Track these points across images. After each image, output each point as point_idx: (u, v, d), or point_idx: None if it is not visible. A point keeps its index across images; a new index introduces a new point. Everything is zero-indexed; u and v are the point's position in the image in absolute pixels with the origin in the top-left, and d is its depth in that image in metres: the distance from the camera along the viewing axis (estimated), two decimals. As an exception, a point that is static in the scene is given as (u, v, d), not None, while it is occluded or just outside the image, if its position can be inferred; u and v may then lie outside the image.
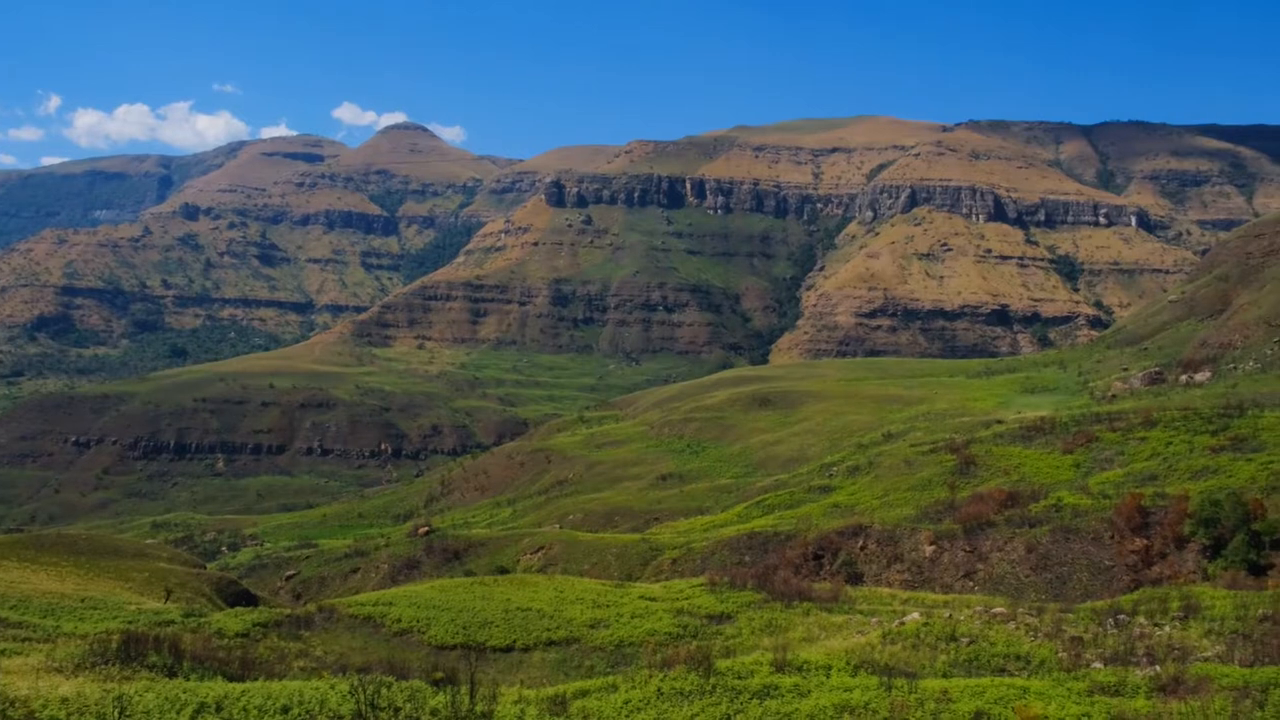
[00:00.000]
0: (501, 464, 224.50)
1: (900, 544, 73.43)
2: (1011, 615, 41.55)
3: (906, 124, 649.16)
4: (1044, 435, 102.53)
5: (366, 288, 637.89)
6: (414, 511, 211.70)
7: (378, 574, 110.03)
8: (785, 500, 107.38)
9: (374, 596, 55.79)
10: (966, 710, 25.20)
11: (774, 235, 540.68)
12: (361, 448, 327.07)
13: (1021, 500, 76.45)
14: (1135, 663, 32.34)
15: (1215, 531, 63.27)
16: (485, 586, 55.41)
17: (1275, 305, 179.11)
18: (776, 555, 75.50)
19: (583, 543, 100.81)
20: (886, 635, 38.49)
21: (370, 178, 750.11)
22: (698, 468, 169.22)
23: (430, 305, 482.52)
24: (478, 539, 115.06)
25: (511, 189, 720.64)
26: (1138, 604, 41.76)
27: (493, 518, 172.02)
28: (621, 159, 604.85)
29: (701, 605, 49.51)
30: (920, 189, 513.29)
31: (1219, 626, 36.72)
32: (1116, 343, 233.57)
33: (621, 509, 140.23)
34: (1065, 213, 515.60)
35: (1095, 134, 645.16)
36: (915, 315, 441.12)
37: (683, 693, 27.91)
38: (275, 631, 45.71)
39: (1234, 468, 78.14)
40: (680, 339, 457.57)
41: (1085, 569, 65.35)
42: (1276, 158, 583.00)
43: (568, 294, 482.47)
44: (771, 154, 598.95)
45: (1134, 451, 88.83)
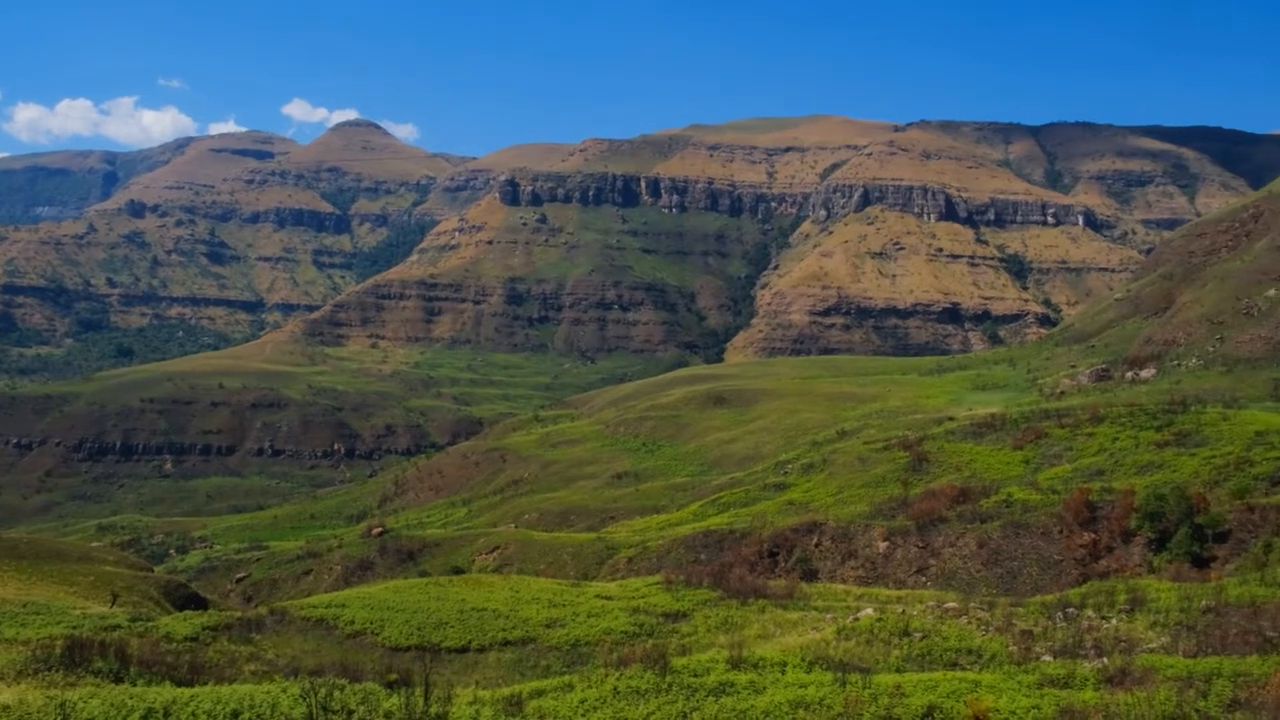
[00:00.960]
0: (456, 464, 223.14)
1: (854, 540, 74.05)
2: (963, 610, 42.05)
3: (859, 124, 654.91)
4: (995, 432, 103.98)
5: (318, 286, 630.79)
6: (368, 512, 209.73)
7: (331, 575, 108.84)
8: (740, 498, 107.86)
9: (327, 598, 55.16)
10: (919, 704, 25.45)
11: (729, 234, 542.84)
12: (314, 448, 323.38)
13: (973, 496, 77.42)
14: (1083, 655, 32.86)
15: (1160, 525, 64.51)
16: (440, 587, 55.00)
17: (1217, 303, 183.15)
18: (732, 553, 75.81)
19: (538, 542, 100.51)
20: (841, 631, 38.78)
21: (322, 175, 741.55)
22: (653, 466, 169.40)
23: (384, 304, 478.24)
24: (432, 539, 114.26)
25: (465, 187, 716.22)
26: (1086, 597, 42.45)
27: (448, 518, 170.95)
28: (576, 157, 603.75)
29: (657, 604, 49.54)
30: (873, 188, 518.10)
31: (1164, 618, 37.43)
32: (1065, 340, 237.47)
33: (577, 508, 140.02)
34: (1014, 212, 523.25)
35: (1043, 134, 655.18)
36: (868, 314, 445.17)
37: (639, 691, 27.89)
38: (225, 635, 45.01)
39: (1178, 462, 79.73)
40: (635, 338, 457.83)
41: (1035, 563, 66.34)
42: (1216, 159, 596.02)
43: (522, 293, 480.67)
44: (726, 153, 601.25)
45: (1082, 447, 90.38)
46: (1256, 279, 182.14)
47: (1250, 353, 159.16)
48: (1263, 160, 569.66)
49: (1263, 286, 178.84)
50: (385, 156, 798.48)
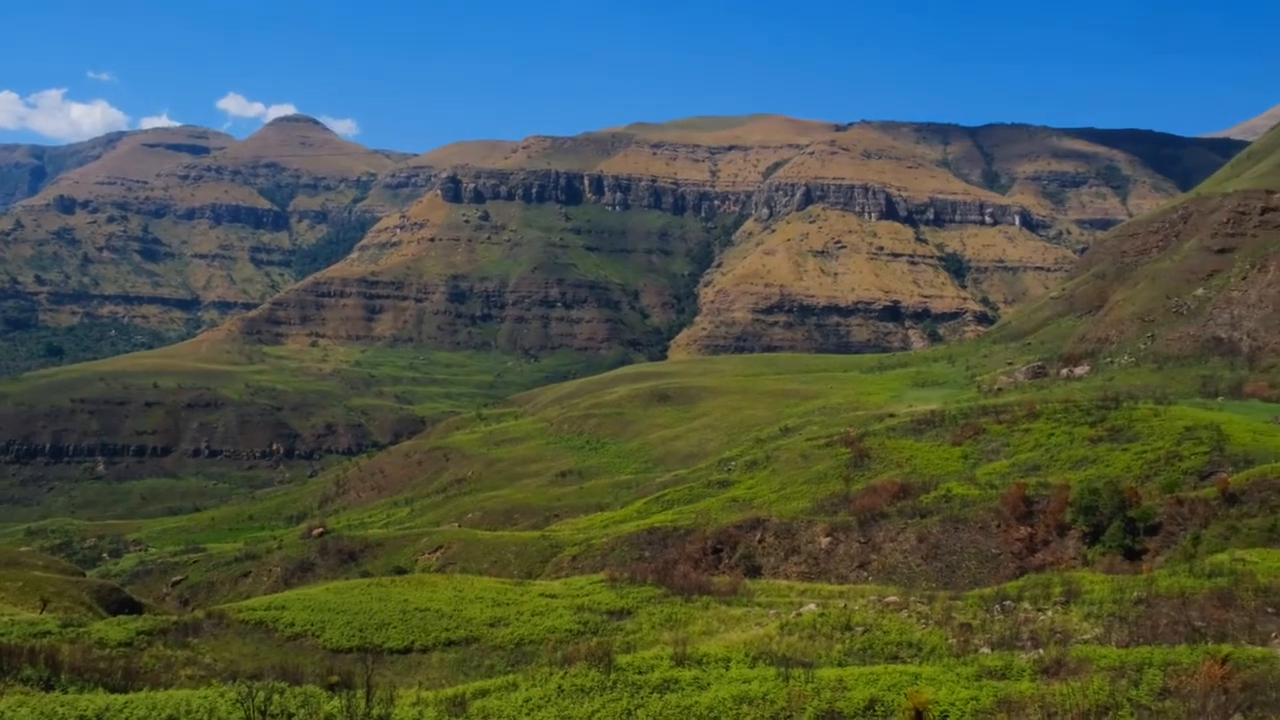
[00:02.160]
0: (398, 463, 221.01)
1: (797, 536, 74.69)
2: (904, 604, 42.64)
3: (801, 123, 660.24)
4: (934, 428, 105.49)
5: (256, 284, 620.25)
6: (308, 513, 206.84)
7: (270, 577, 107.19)
8: (684, 495, 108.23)
9: (266, 601, 54.31)
10: (861, 698, 25.74)
11: (672, 232, 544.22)
12: (252, 448, 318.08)
13: (913, 492, 78.53)
14: (1020, 647, 33.49)
15: (1094, 519, 65.99)
16: (382, 587, 54.45)
17: (1148, 302, 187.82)
18: (676, 550, 76.04)
19: (482, 541, 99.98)
20: (784, 626, 39.09)
21: (259, 171, 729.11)
22: (597, 464, 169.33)
23: (323, 302, 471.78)
24: (374, 539, 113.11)
25: (407, 184, 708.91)
26: (1023, 590, 43.29)
27: (390, 517, 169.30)
28: (519, 154, 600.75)
29: (602, 601, 49.52)
30: (815, 187, 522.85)
31: (1098, 610, 38.29)
32: (1002, 338, 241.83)
33: (521, 506, 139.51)
34: (953, 212, 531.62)
35: (980, 135, 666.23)
36: (811, 311, 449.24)
37: (583, 689, 27.86)
38: (161, 640, 44.11)
39: (1111, 457, 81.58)
40: (579, 336, 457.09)
41: (973, 557, 67.45)
42: (1147, 161, 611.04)
43: (465, 290, 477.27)
44: (669, 151, 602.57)
45: (1018, 443, 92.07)
46: (1185, 278, 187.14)
47: (1180, 350, 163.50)
48: (1191, 163, 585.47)
49: (1191, 286, 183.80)
50: (325, 152, 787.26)
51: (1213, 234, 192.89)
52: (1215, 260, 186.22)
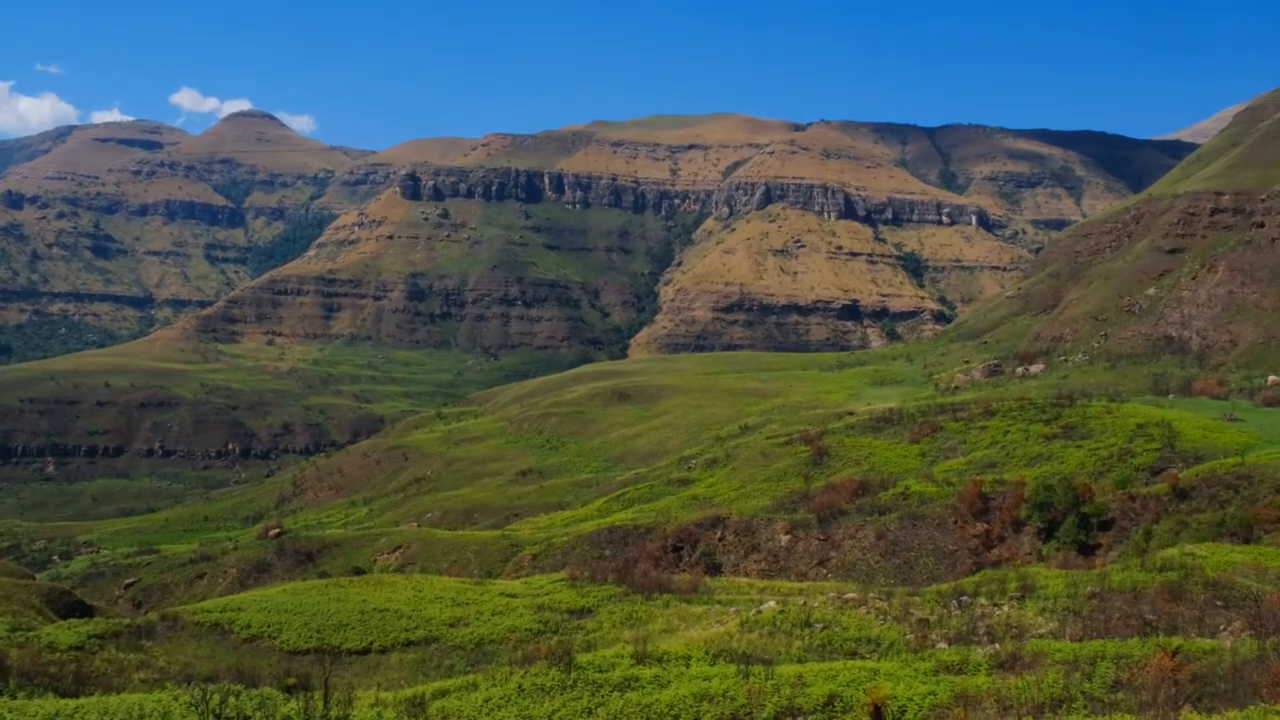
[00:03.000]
0: (357, 462, 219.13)
1: (757, 534, 75.01)
2: (863, 600, 42.96)
3: (761, 122, 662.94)
4: (892, 426, 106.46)
5: (211, 281, 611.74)
6: (264, 513, 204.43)
7: (226, 579, 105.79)
8: (645, 494, 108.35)
9: (221, 602, 53.62)
10: (820, 694, 25.89)
11: (632, 230, 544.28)
12: (207, 448, 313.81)
13: (872, 489, 79.17)
14: (977, 642, 33.87)
15: (1049, 515, 66.93)
16: (340, 588, 53.97)
17: (1101, 301, 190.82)
18: (637, 548, 76.06)
19: (441, 541, 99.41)
20: (744, 624, 39.24)
21: (214, 167, 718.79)
22: (557, 463, 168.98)
23: (280, 300, 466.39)
24: (332, 539, 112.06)
25: (365, 181, 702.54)
26: (979, 586, 43.79)
27: (348, 518, 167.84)
28: (479, 152, 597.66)
29: (562, 600, 49.44)
30: (775, 186, 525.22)
31: (1052, 605, 38.84)
32: (959, 336, 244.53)
33: (481, 506, 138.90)
34: (911, 211, 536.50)
35: (938, 136, 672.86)
36: (770, 310, 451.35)
37: (544, 688, 27.78)
38: (113, 643, 43.39)
39: (1065, 454, 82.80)
40: (539, 334, 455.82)
41: (931, 554, 68.14)
42: (1100, 162, 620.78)
43: (424, 288, 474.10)
44: (630, 150, 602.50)
45: (975, 440, 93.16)
46: (1138, 278, 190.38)
47: (1132, 349, 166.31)
48: (1143, 165, 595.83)
49: (1143, 285, 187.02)
50: (281, 149, 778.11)
51: (1164, 234, 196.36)
52: (1166, 260, 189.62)
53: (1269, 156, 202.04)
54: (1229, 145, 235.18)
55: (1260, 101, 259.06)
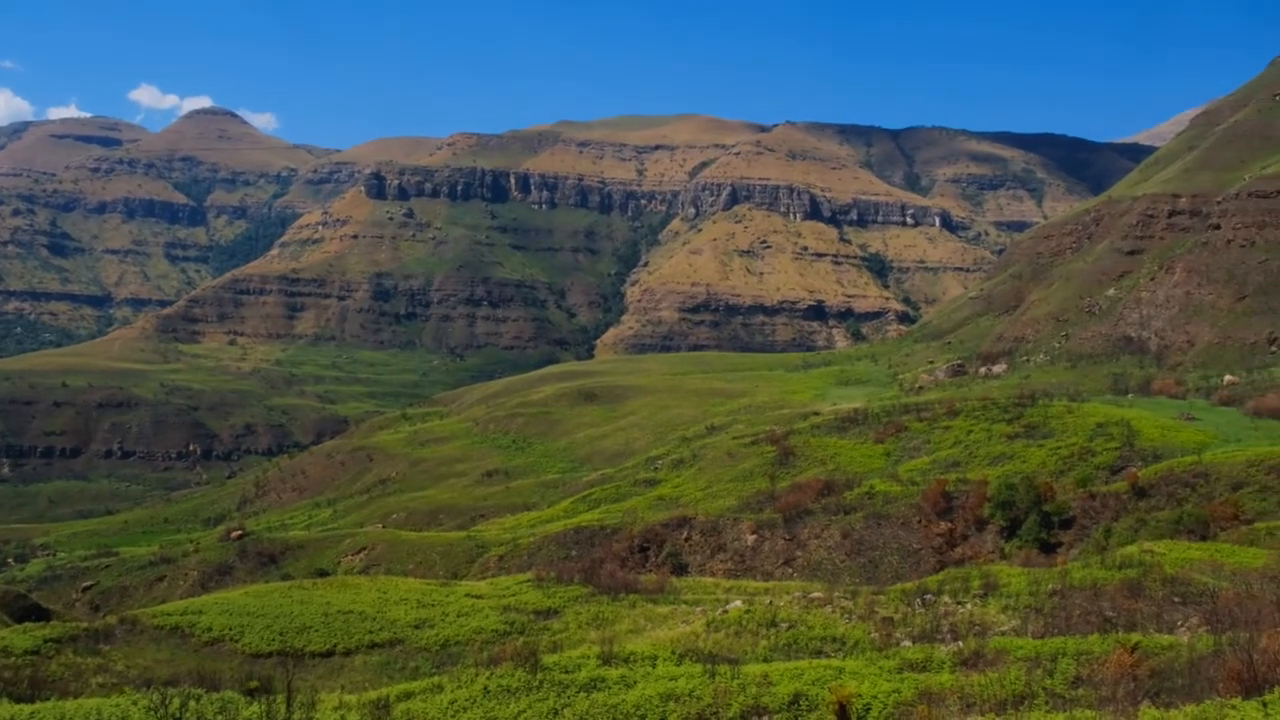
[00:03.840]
0: (320, 463, 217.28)
1: (723, 534, 75.20)
2: (828, 599, 43.17)
3: (727, 123, 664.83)
4: (858, 426, 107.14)
5: (171, 280, 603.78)
6: (226, 515, 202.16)
7: (186, 581, 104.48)
8: (611, 494, 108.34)
9: (182, 605, 52.94)
10: (786, 693, 25.97)
11: (599, 231, 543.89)
12: (168, 449, 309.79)
13: (837, 489, 79.61)
14: (941, 639, 34.13)
15: (1011, 513, 67.65)
16: (304, 590, 53.49)
17: (1062, 302, 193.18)
18: (603, 549, 76.00)
19: (406, 542, 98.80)
20: (711, 624, 39.30)
21: (175, 164, 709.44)
22: (524, 463, 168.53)
23: (242, 299, 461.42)
24: (295, 541, 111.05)
25: (329, 179, 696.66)
26: (943, 584, 44.15)
27: (311, 519, 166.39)
28: (444, 151, 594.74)
29: (528, 601, 49.29)
30: (741, 187, 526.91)
31: (1014, 602, 39.24)
32: (923, 337, 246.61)
33: (446, 507, 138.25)
34: (876, 213, 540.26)
35: (902, 138, 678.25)
36: (736, 310, 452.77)
37: (510, 690, 27.67)
38: (70, 647, 42.69)
39: (1027, 453, 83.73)
40: (505, 334, 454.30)
41: (896, 552, 68.64)
42: (1061, 165, 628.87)
43: (389, 288, 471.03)
44: (596, 150, 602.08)
45: (939, 440, 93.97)
46: (1098, 279, 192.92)
47: (1092, 349, 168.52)
48: (1103, 167, 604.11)
49: (1103, 286, 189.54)
50: (243, 146, 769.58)
51: (1123, 236, 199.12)
52: (1125, 261, 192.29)
53: (1224, 160, 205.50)
54: (1186, 149, 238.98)
55: (1216, 105, 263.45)
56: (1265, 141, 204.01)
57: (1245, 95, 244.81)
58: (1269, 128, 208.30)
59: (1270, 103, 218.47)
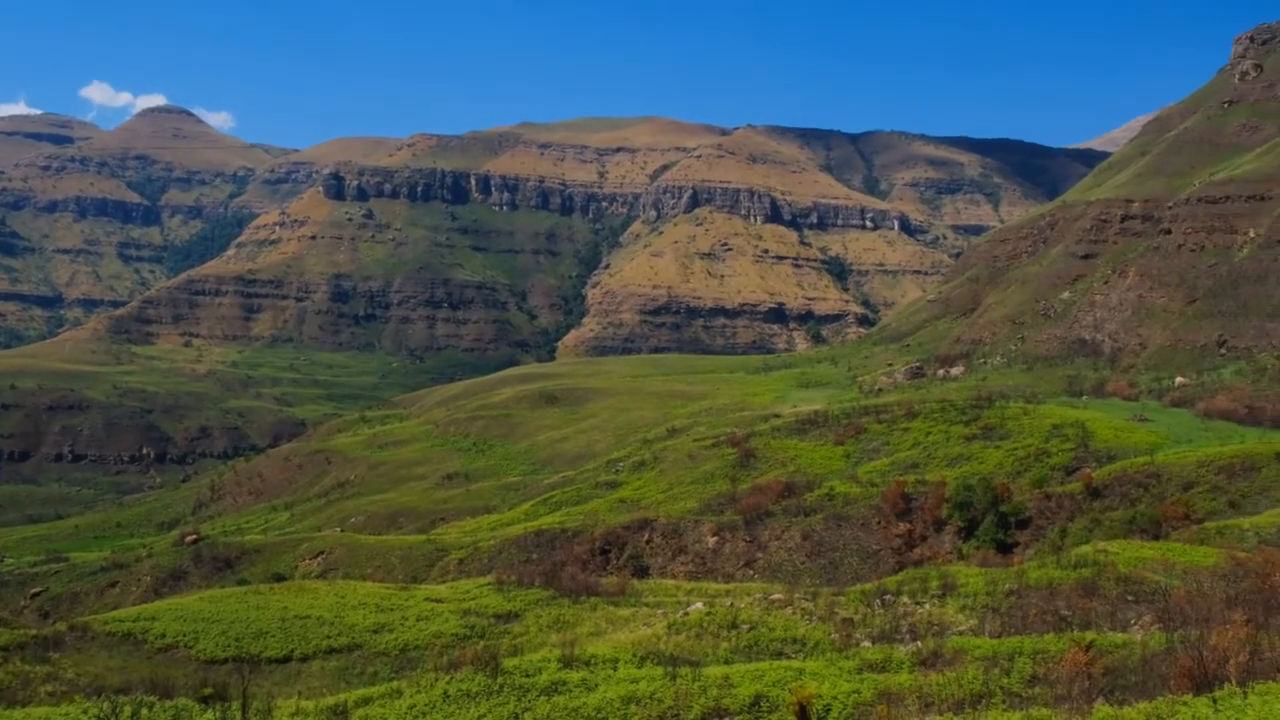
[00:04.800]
0: (277, 466, 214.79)
1: (684, 536, 75.29)
2: (789, 601, 43.34)
3: (688, 126, 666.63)
4: (818, 428, 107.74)
5: (125, 281, 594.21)
6: (180, 519, 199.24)
7: (139, 587, 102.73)
8: (572, 497, 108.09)
9: (134, 611, 52.04)
10: (746, 694, 26.01)
11: (560, 233, 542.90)
12: (120, 452, 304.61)
13: (797, 490, 80.00)
14: (900, 640, 34.36)
15: (969, 514, 68.36)
16: (260, 595, 52.79)
17: (1018, 305, 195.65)
18: (564, 552, 75.81)
19: (365, 546, 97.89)
20: (672, 626, 39.30)
21: (128, 163, 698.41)
22: (484, 466, 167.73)
23: (198, 300, 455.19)
24: (252, 545, 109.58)
25: (286, 179, 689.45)
26: (902, 585, 44.48)
27: (268, 523, 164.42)
28: (404, 152, 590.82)
29: (489, 605, 49.00)
30: (701, 190, 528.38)
31: (972, 602, 39.61)
32: (882, 339, 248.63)
33: (406, 510, 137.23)
34: (835, 216, 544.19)
35: (861, 142, 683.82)
36: (698, 313, 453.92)
37: (469, 694, 27.47)
38: (18, 655, 41.80)
39: (984, 455, 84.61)
40: (465, 337, 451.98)
41: (855, 553, 69.10)
42: (1018, 169, 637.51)
43: (348, 290, 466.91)
44: (557, 151, 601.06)
45: (898, 441, 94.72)
46: (1053, 283, 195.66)
47: (1047, 351, 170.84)
48: (1058, 172, 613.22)
49: (1058, 290, 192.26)
50: (199, 145, 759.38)
51: (1077, 240, 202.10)
52: (1080, 265, 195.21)
53: (1175, 166, 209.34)
54: (1138, 154, 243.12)
55: (1167, 112, 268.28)
56: (1214, 148, 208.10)
57: (1195, 103, 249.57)
58: (1217, 135, 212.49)
59: (1218, 110, 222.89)
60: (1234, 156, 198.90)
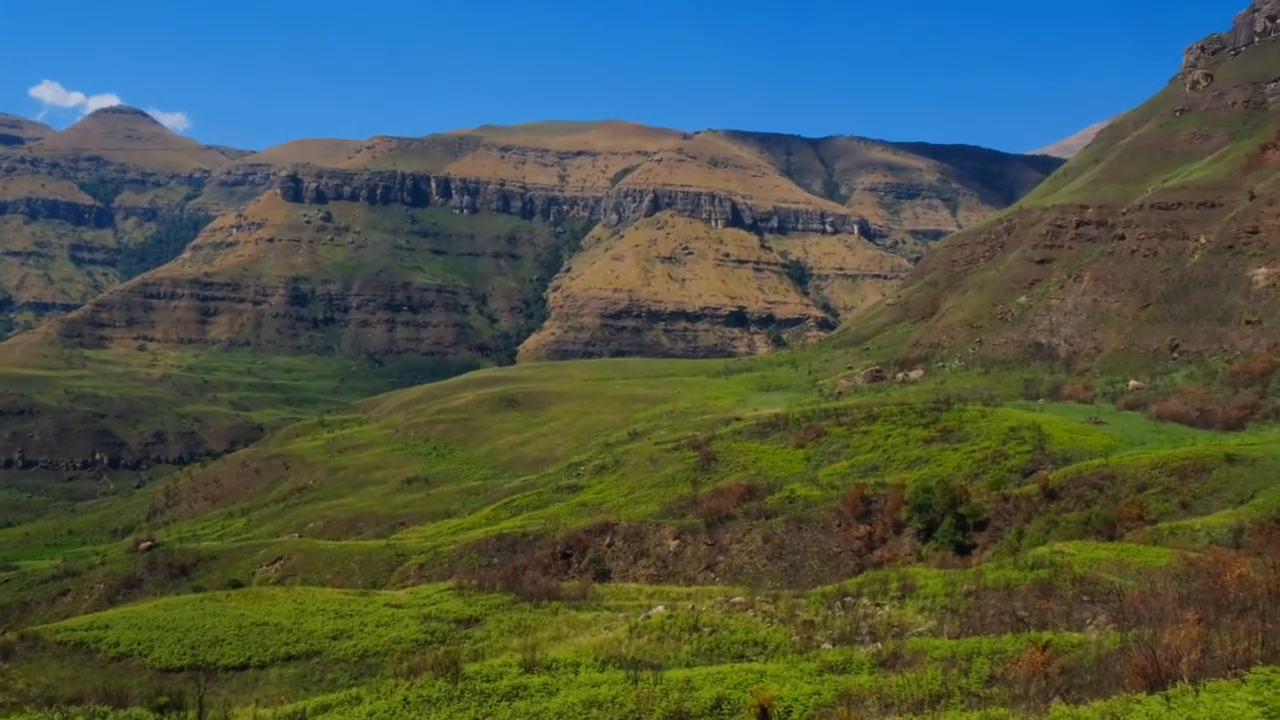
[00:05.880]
0: (234, 472, 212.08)
1: (646, 540, 75.30)
2: (750, 603, 43.46)
3: (649, 130, 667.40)
4: (779, 431, 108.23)
5: (77, 284, 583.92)
6: (135, 526, 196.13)
7: (92, 595, 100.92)
8: (533, 501, 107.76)
9: (87, 620, 51.13)
10: (708, 697, 26.05)
11: (520, 236, 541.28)
12: (72, 458, 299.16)
13: (758, 493, 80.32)
14: (860, 641, 34.59)
15: (928, 516, 68.98)
16: (216, 602, 52.07)
17: (976, 309, 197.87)
18: (525, 556, 75.55)
19: (324, 551, 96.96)
20: (633, 629, 39.27)
21: (81, 164, 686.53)
22: (445, 470, 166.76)
23: (152, 304, 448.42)
24: (208, 552, 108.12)
25: (244, 181, 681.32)
26: (862, 586, 44.78)
27: (225, 529, 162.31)
28: (363, 154, 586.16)
29: (449, 610, 48.71)
30: (663, 194, 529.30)
31: (931, 603, 39.96)
32: (842, 343, 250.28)
33: (366, 515, 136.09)
34: (796, 220, 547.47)
35: (821, 147, 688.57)
36: (659, 316, 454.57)
37: (430, 700, 27.28)
38: (-33, 666, 40.89)
39: (943, 457, 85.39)
40: (425, 340, 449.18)
41: (816, 556, 69.46)
42: (975, 175, 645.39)
43: (306, 293, 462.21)
44: (518, 155, 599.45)
45: (858, 444, 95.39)
46: (1010, 287, 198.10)
47: (1005, 355, 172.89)
48: (1014, 178, 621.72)
49: (1015, 294, 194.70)
50: (153, 147, 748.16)
51: (1034, 245, 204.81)
52: (1036, 270, 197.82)
53: (1128, 173, 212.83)
54: (1092, 161, 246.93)
55: (1120, 120, 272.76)
56: (1166, 155, 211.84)
57: (1148, 110, 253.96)
58: (1169, 142, 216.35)
59: (1170, 118, 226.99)
60: (1185, 164, 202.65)
